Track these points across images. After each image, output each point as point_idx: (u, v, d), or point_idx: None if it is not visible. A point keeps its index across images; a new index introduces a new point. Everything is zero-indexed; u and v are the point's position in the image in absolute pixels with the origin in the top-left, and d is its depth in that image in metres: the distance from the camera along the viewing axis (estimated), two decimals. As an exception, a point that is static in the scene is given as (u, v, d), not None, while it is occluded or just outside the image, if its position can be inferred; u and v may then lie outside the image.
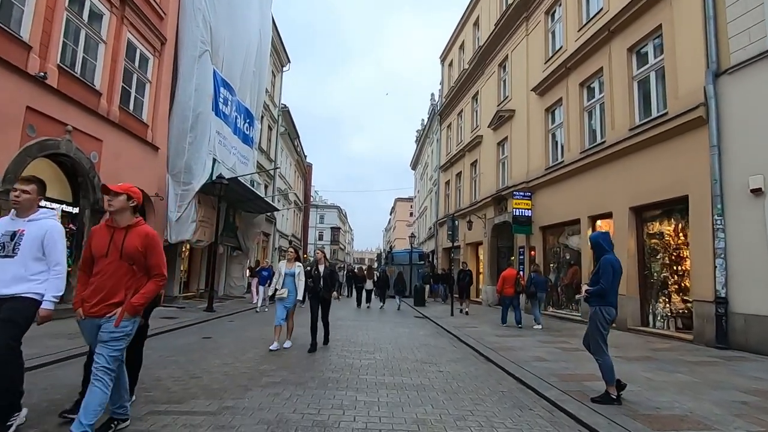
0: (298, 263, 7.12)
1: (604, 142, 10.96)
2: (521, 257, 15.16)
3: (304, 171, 41.67)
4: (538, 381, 5.02)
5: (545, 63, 14.25)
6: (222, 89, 14.53)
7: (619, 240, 10.17)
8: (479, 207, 19.07)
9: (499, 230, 17.74)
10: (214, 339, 7.82)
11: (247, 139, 17.14)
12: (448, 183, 25.52)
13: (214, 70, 13.90)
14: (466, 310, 13.98)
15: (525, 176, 15.12)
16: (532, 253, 14.67)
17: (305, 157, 41.73)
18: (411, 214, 66.31)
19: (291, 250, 7.45)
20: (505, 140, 17.32)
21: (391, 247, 33.07)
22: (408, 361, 6.26)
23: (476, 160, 20.58)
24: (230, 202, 16.11)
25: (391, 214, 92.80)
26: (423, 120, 43.04)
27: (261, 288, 13.95)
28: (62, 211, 8.98)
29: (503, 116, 17.12)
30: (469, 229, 18.78)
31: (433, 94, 36.56)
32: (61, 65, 8.58)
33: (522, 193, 14.71)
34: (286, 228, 32.05)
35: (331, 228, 74.25)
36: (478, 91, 20.80)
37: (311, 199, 55.52)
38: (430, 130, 33.21)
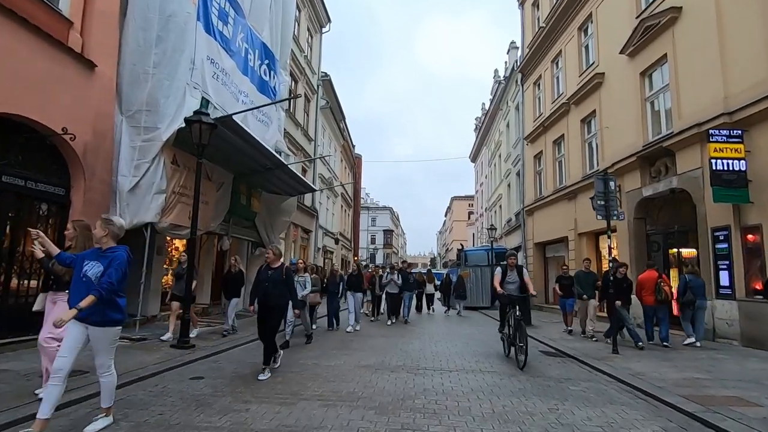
0: None
1: None
2: (720, 245, 8.70)
3: (353, 162, 36.42)
4: None
5: None
6: (217, -5, 9.44)
7: None
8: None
9: (650, 207, 11.34)
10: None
11: (264, 87, 11.96)
12: (538, 156, 19.13)
13: (200, -41, 8.84)
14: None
15: (721, 105, 8.70)
16: (750, 237, 8.20)
17: (353, 146, 36.56)
18: (470, 214, 59.57)
19: None
20: (660, 62, 10.91)
21: (462, 246, 27.06)
22: None
23: (592, 112, 14.20)
24: (238, 173, 10.78)
25: (446, 215, 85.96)
26: (484, 105, 37.85)
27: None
28: None
29: (653, 26, 10.76)
30: (596, 209, 12.36)
31: (496, 70, 32.30)
32: None
33: (725, 133, 8.31)
34: (332, 225, 26.90)
35: (384, 230, 68.80)
36: (590, 14, 14.45)
37: (361, 200, 50.26)
38: (503, 101, 26.86)
